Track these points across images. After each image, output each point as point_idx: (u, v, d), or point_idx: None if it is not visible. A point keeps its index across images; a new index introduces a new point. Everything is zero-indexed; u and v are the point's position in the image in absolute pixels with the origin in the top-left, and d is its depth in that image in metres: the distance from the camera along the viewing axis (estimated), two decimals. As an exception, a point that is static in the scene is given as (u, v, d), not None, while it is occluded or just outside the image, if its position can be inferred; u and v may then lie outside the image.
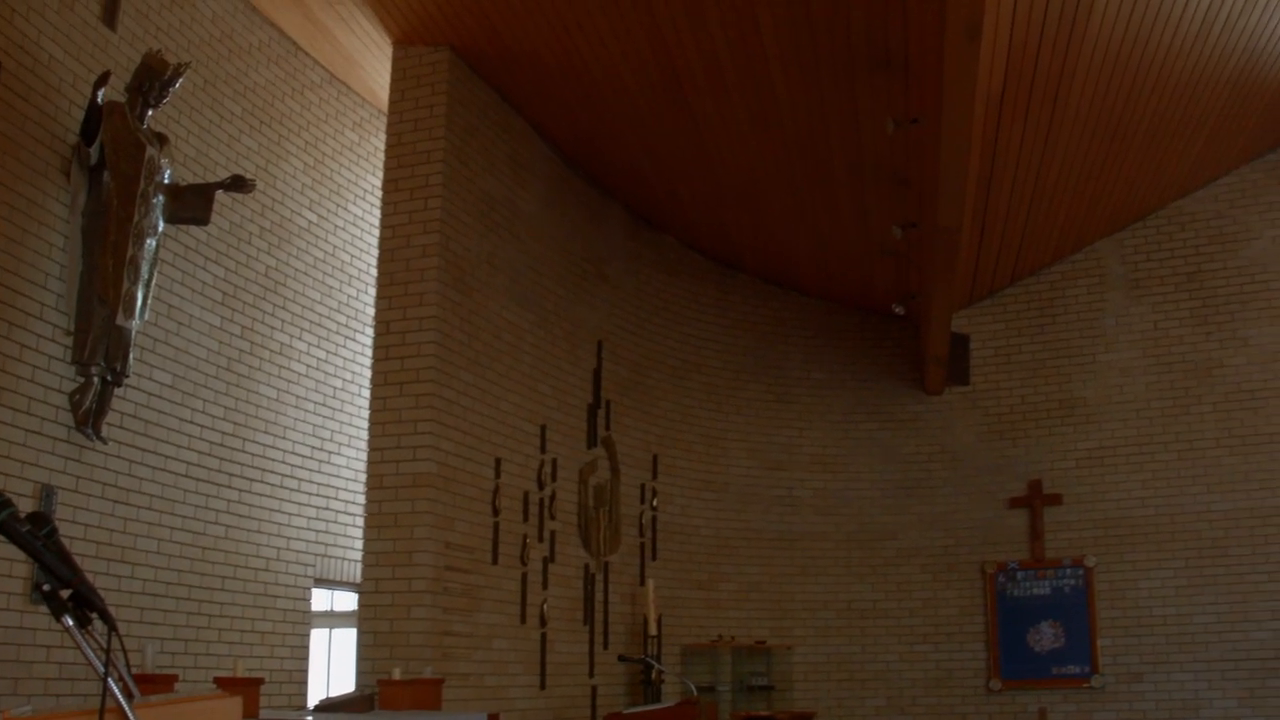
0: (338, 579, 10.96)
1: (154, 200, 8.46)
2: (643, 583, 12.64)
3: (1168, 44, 11.29)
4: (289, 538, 10.34)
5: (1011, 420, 14.55)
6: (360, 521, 10.62)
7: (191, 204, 8.82)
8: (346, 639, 11.75)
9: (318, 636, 11.48)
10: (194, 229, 9.30)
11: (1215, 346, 14.15)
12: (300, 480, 10.55)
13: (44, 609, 6.61)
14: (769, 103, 10.72)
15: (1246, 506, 13.64)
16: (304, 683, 10.35)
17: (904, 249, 12.45)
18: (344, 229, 11.54)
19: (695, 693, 11.24)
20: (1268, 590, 13.38)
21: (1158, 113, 12.39)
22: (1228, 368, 14.06)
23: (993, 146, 11.53)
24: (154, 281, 8.54)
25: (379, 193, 10.92)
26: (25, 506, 6.14)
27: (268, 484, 10.12)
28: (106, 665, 3.06)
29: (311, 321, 10.92)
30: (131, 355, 8.27)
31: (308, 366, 10.82)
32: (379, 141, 11.78)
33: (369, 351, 11.06)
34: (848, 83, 10.21)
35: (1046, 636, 13.80)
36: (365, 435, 10.41)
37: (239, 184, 9.03)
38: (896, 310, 13.52)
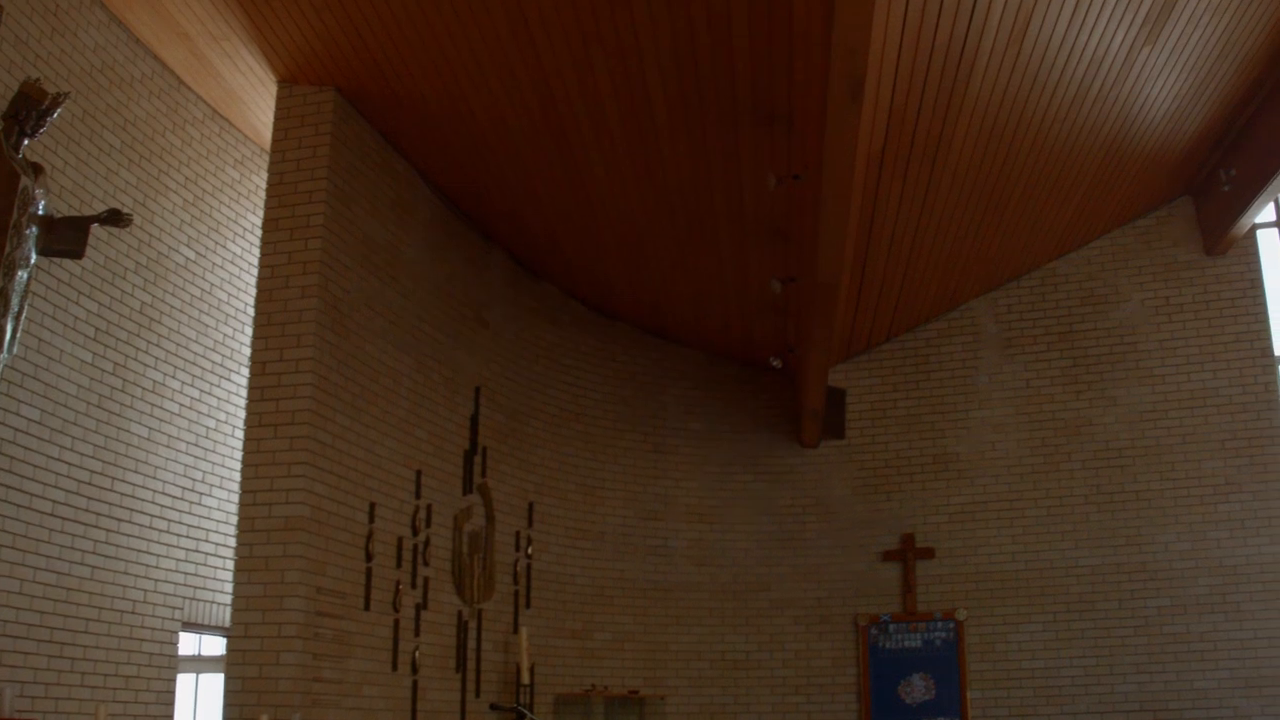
0: (206, 623, 10.75)
1: (27, 232, 8.28)
2: (516, 631, 12.55)
3: (1044, 110, 11.58)
4: (157, 580, 10.14)
5: (885, 474, 14.73)
6: (230, 564, 10.45)
7: (66, 237, 8.64)
8: (214, 684, 11.53)
9: (184, 681, 11.25)
10: (67, 262, 9.14)
11: (1085, 405, 14.49)
12: (170, 521, 10.36)
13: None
14: (653, 154, 10.80)
15: (1113, 562, 13.95)
16: (168, 729, 10.14)
17: (783, 303, 12.57)
18: (222, 267, 11.40)
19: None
20: (1133, 645, 13.68)
21: (1033, 176, 12.68)
22: (1097, 426, 14.39)
23: (872, 204, 11.71)
24: (24, 315, 8.35)
25: (259, 231, 10.84)
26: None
27: (136, 524, 9.92)
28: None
29: (186, 360, 10.76)
30: (-1, 390, 8.08)
31: (181, 406, 10.65)
32: (260, 180, 11.68)
33: (244, 392, 10.92)
34: (732, 136, 10.33)
35: (918, 689, 13.94)
36: (238, 477, 10.26)
37: (115, 218, 8.87)
38: (774, 363, 13.63)
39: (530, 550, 13.04)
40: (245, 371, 11.03)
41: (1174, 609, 13.79)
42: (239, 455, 10.41)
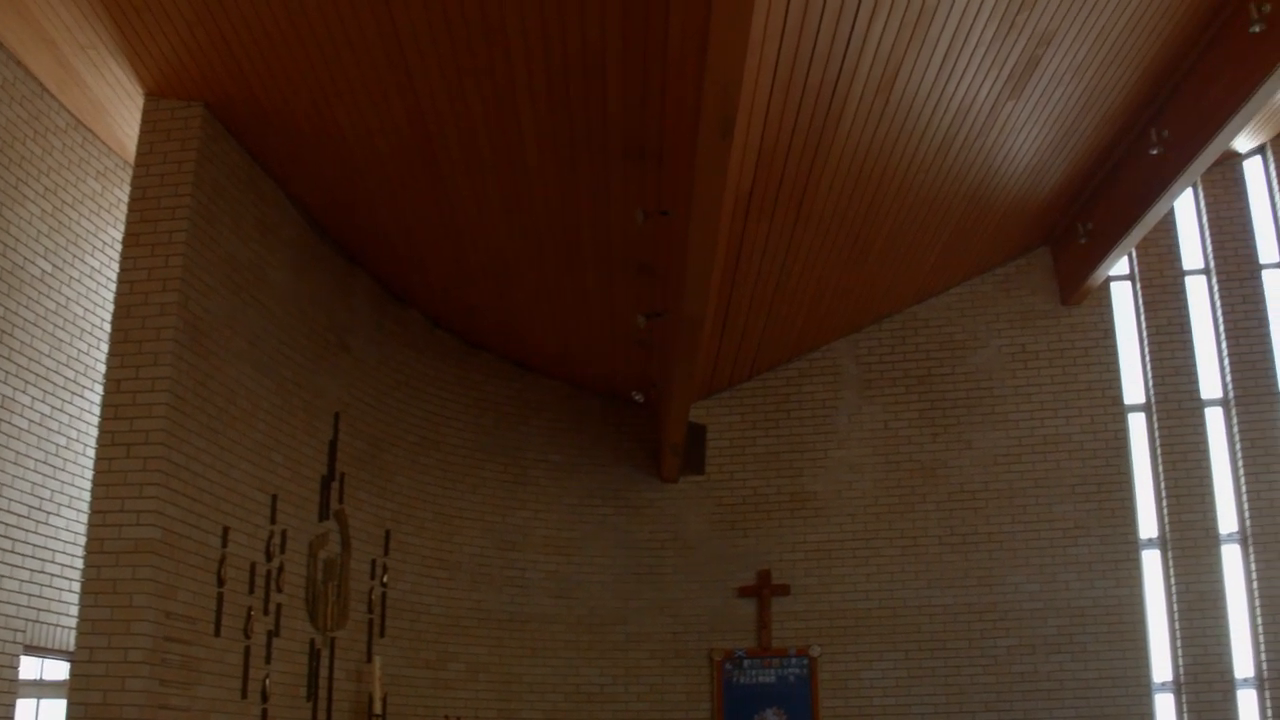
0: (50, 646, 10.46)
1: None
2: (369, 660, 12.40)
3: (910, 158, 11.79)
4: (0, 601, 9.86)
5: (743, 511, 14.83)
6: (77, 586, 10.19)
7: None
8: (56, 711, 11.21)
9: (25, 707, 10.93)
10: (-83, 272, 8.89)
11: (941, 448, 14.73)
12: (15, 540, 10.09)
13: None
14: (522, 184, 10.80)
15: (965, 602, 14.19)
16: (5, 755, 9.84)
17: (647, 337, 12.62)
18: (80, 280, 11.16)
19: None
20: (982, 683, 13.91)
21: (897, 221, 12.89)
22: (952, 468, 14.64)
23: (739, 243, 11.81)
24: None
25: (119, 246, 10.60)
26: None
27: (-21, 543, 9.66)
28: None
29: (38, 375, 10.50)
30: None
31: (30, 421, 10.39)
32: (123, 193, 11.47)
33: (96, 409, 10.68)
34: (602, 170, 10.36)
35: (770, 724, 14.05)
36: (87, 496, 10.02)
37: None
38: (636, 397, 13.68)
39: (386, 578, 12.90)
40: (99, 389, 10.80)
41: (1023, 649, 14.07)
42: (89, 474, 10.17)
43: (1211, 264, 15.34)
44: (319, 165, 11.07)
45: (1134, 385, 15.12)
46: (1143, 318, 15.24)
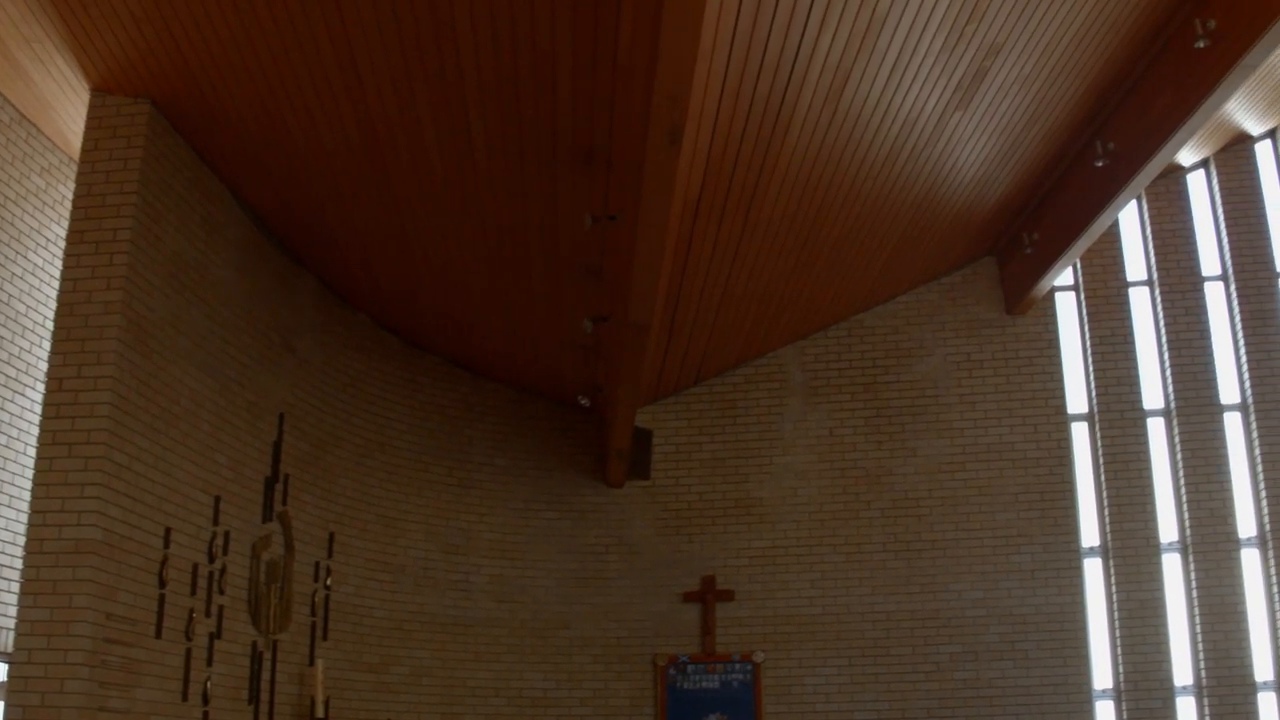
0: (-15, 647, 10.37)
1: None
2: (312, 663, 12.33)
3: (858, 167, 11.85)
4: (-66, 601, 9.75)
5: (689, 516, 14.85)
6: (16, 587, 10.08)
7: None
8: (-11, 711, 11.10)
9: (-42, 708, 10.80)
10: None
11: (886, 455, 14.81)
12: (-49, 540, 9.98)
13: None
14: (471, 187, 10.77)
15: (908, 609, 14.27)
16: (-62, 757, 9.72)
17: (594, 342, 12.62)
18: (22, 278, 11.05)
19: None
20: (925, 690, 14.00)
21: (844, 230, 12.95)
22: (896, 476, 14.73)
23: (686, 249, 11.83)
24: None
25: (62, 243, 10.51)
26: None
27: (-85, 542, 9.54)
28: None
29: (-23, 373, 10.39)
30: None
31: (-31, 421, 10.28)
32: (67, 190, 11.36)
33: (38, 408, 10.57)
34: (550, 174, 10.35)
35: (713, 729, 14.09)
36: (27, 496, 9.91)
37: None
38: (582, 402, 13.68)
39: (329, 581, 12.84)
40: (41, 387, 10.69)
41: (965, 656, 14.16)
42: (30, 474, 10.06)
43: (1155, 276, 15.51)
44: (266, 165, 11.01)
45: (1077, 395, 15.28)
46: (1086, 328, 15.39)
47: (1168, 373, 15.18)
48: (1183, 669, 14.32)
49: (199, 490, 10.80)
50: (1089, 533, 14.82)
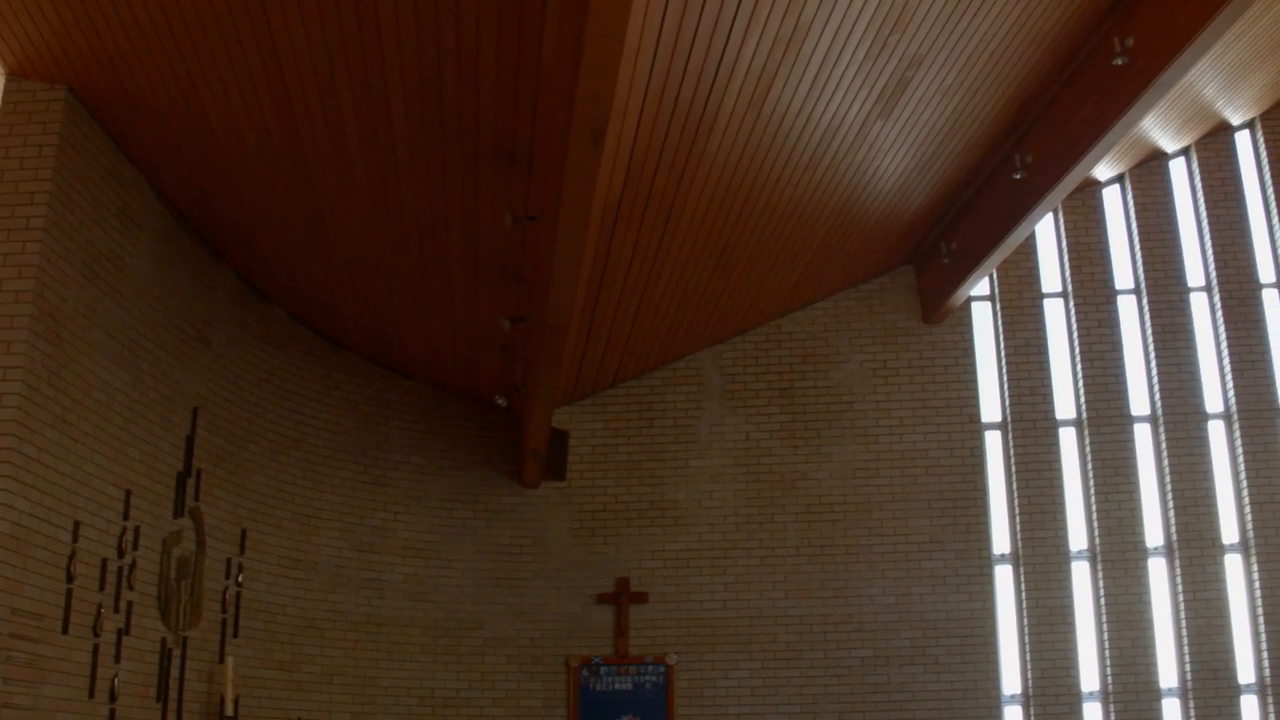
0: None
1: None
2: (222, 660, 12.21)
3: (779, 173, 11.90)
4: None
5: (604, 518, 14.85)
6: (-83, 579, 9.89)
7: None
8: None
9: None
10: None
11: (801, 460, 14.90)
12: None
13: None
14: (391, 183, 10.71)
15: (820, 613, 14.36)
16: None
17: (512, 342, 12.60)
18: (-71, 266, 10.84)
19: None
20: (836, 693, 14.10)
21: (765, 236, 13.01)
22: (811, 480, 14.81)
23: (606, 251, 11.83)
24: None
25: (-28, 232, 10.32)
26: None
27: None
28: None
29: (-118, 361, 10.18)
30: None
31: (-127, 409, 10.06)
32: (-22, 178, 11.16)
33: (-56, 398, 10.38)
34: (472, 172, 10.32)
35: (625, 731, 14.11)
36: (-68, 487, 9.73)
37: None
38: (499, 402, 13.64)
39: (241, 578, 12.71)
40: (-53, 377, 10.50)
41: (876, 660, 14.27)
42: (-66, 464, 9.88)
43: (1069, 288, 15.72)
44: (185, 155, 10.89)
45: (991, 404, 15.45)
46: (1001, 338, 15.56)
47: (1080, 383, 15.39)
48: (1090, 675, 14.53)
49: (109, 484, 10.67)
50: (1000, 540, 15.00)
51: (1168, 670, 14.51)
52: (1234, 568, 14.85)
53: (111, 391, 10.72)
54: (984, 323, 15.77)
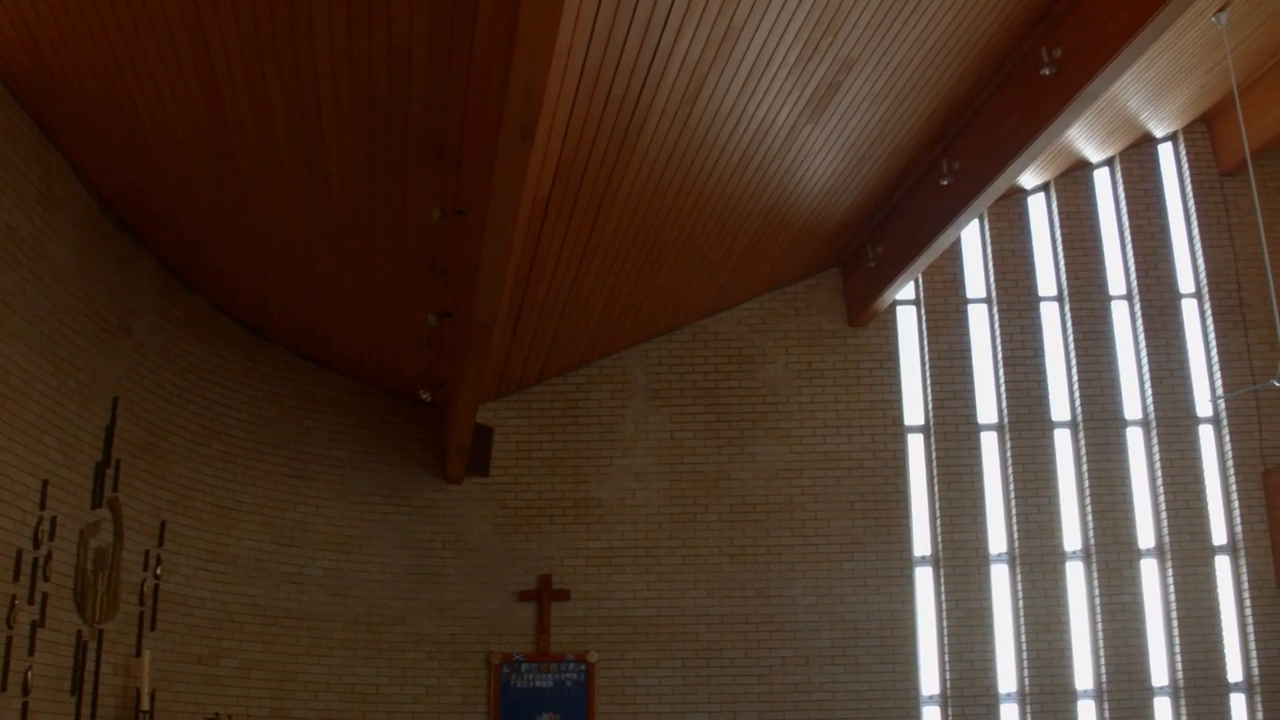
0: None
1: None
2: (139, 654, 12.07)
3: (708, 173, 11.94)
4: None
5: (527, 515, 14.83)
6: None
7: None
8: None
9: None
10: None
11: (725, 460, 14.95)
12: None
13: None
14: (319, 175, 10.63)
15: (742, 612, 14.42)
16: None
17: (437, 337, 12.55)
18: None
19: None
20: (756, 693, 14.17)
21: (693, 235, 13.04)
22: (735, 481, 14.87)
23: (534, 247, 11.82)
24: None
25: (-112, 215, 10.15)
26: None
27: None
28: None
29: None
30: None
31: None
32: (-105, 161, 10.98)
33: None
34: (401, 165, 10.27)
35: (546, 728, 14.10)
36: None
37: None
38: (424, 396, 13.59)
39: (159, 570, 12.57)
40: None
41: (797, 660, 14.35)
42: None
43: (993, 293, 15.87)
44: (110, 142, 10.75)
45: (914, 407, 15.57)
46: (925, 342, 15.69)
47: (1002, 388, 15.55)
48: (1007, 677, 14.68)
49: (25, 473, 10.51)
50: (921, 542, 15.13)
51: (1084, 672, 14.69)
52: (1149, 572, 15.07)
53: (29, 379, 10.57)
54: (908, 327, 15.90)
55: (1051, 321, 15.94)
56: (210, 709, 12.95)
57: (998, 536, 15.14)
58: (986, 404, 15.64)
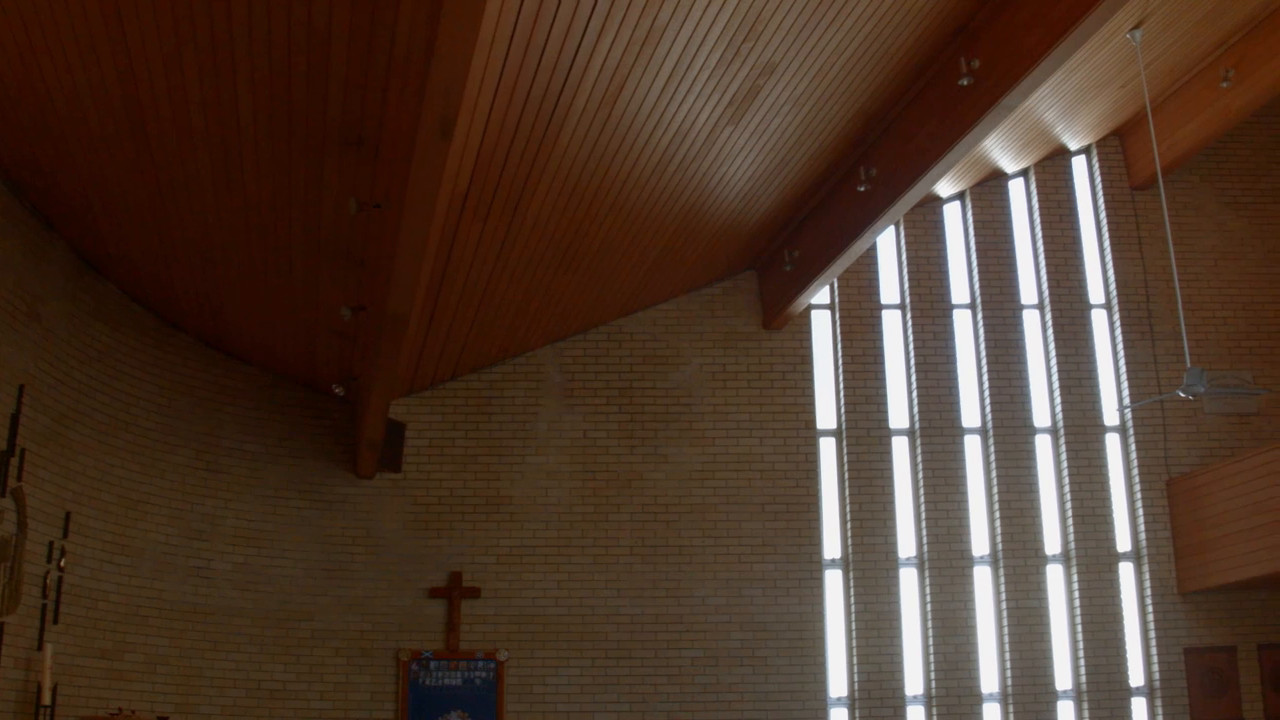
0: None
1: None
2: (40, 648, 11.88)
3: (628, 173, 11.95)
4: None
5: (439, 511, 14.78)
6: None
7: None
8: None
9: None
10: None
11: (638, 460, 14.97)
12: None
13: None
14: (235, 162, 10.52)
15: (652, 613, 14.46)
16: None
17: (351, 331, 12.46)
18: None
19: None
20: (665, 693, 14.20)
21: (610, 234, 13.05)
22: (647, 481, 14.90)
23: (451, 243, 11.77)
24: None
25: None
26: None
27: None
28: None
29: None
30: None
31: None
32: None
33: None
34: (318, 155, 10.18)
35: (454, 726, 14.05)
36: None
37: None
38: (337, 390, 13.50)
39: (63, 563, 12.38)
40: None
41: (706, 660, 14.41)
42: None
43: (907, 300, 16.02)
44: (20, 125, 10.56)
45: (827, 411, 15.67)
46: (839, 346, 15.81)
47: (914, 394, 15.70)
48: (914, 679, 14.83)
49: (-74, 461, 10.33)
50: (831, 545, 15.24)
51: (989, 676, 14.88)
52: (1055, 578, 15.28)
53: (-67, 365, 10.39)
54: (823, 331, 16.00)
55: (964, 329, 16.13)
56: (113, 704, 12.77)
57: (907, 541, 15.30)
58: (898, 409, 15.78)
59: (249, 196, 11.01)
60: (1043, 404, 15.94)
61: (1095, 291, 16.35)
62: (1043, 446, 15.76)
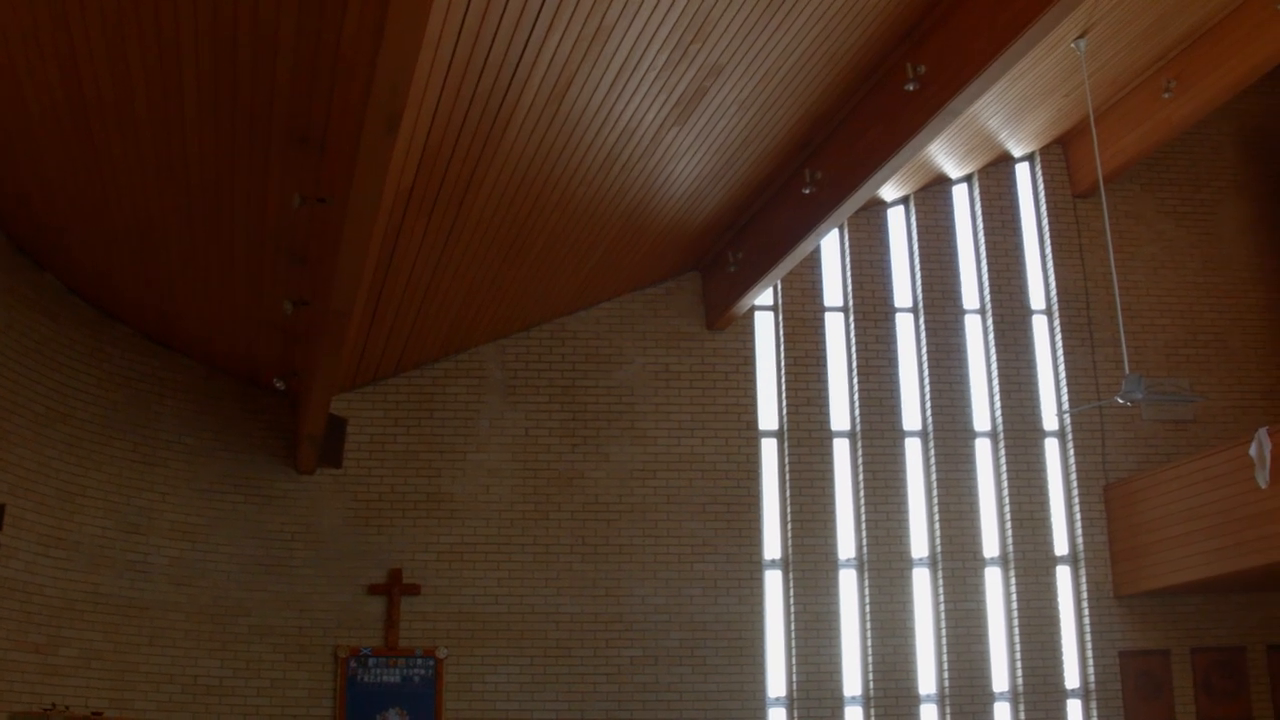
0: None
1: None
2: (-31, 639, 11.75)
3: (573, 171, 11.94)
4: None
5: (379, 507, 14.71)
6: None
7: None
8: None
9: None
10: None
11: (580, 459, 14.96)
12: None
13: None
14: (178, 153, 10.42)
15: (592, 611, 14.46)
16: None
17: (293, 325, 12.38)
18: None
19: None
20: (604, 691, 14.21)
21: (555, 232, 13.04)
22: (588, 480, 14.89)
23: (395, 238, 11.72)
24: None
25: None
26: None
27: None
28: None
29: None
30: None
31: None
32: None
33: None
34: (262, 149, 10.10)
35: (392, 724, 14.00)
36: None
37: None
38: (277, 385, 13.39)
39: (-4, 554, 12.24)
40: None
41: (646, 659, 14.42)
42: None
43: (850, 303, 16.10)
44: (-42, 114, 10.44)
45: (769, 412, 15.72)
46: (782, 348, 15.86)
47: (855, 397, 15.78)
48: (853, 680, 14.90)
49: None
50: (771, 546, 15.28)
51: (927, 677, 14.98)
52: (993, 580, 15.41)
53: None
54: (766, 332, 16.06)
55: (906, 333, 16.22)
56: (47, 699, 12.63)
57: (847, 542, 15.38)
58: (840, 411, 15.85)
59: (192, 189, 10.91)
60: (983, 408, 16.06)
61: (1036, 297, 16.49)
62: (982, 450, 15.88)
